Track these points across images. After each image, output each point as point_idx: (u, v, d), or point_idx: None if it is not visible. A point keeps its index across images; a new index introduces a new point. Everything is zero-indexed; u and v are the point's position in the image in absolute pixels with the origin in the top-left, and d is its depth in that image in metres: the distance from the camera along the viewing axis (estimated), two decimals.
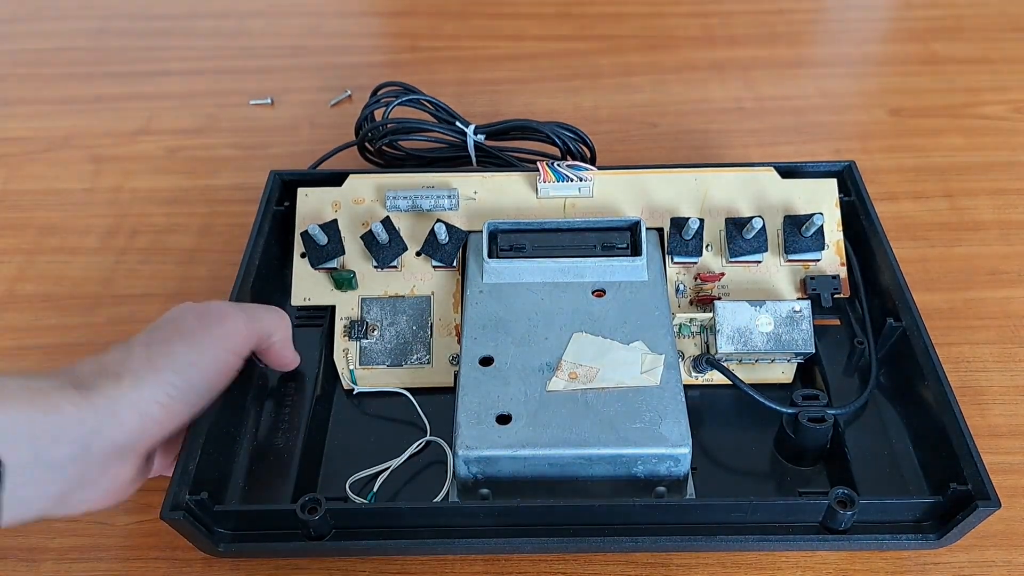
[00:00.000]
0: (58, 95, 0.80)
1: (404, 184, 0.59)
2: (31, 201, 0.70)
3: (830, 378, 0.55)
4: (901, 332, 0.54)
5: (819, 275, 0.57)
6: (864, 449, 0.52)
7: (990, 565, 0.49)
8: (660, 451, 0.47)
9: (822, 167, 0.61)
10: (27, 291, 0.64)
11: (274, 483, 0.51)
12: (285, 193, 0.62)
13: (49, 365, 0.60)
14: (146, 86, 0.81)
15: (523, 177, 0.60)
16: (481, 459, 0.47)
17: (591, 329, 0.52)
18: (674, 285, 0.57)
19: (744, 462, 0.53)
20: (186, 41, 0.87)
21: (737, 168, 0.59)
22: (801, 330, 0.53)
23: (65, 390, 0.42)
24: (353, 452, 0.53)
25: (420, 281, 0.58)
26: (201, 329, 0.47)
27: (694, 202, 0.59)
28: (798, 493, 0.51)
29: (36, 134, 0.77)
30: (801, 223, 0.56)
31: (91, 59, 0.85)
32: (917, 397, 0.52)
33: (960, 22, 0.87)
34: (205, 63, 0.84)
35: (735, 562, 0.50)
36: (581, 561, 0.50)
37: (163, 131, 0.77)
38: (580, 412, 0.49)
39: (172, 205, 0.70)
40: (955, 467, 0.47)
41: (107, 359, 0.45)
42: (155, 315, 0.62)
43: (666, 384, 0.50)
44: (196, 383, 0.46)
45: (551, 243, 0.56)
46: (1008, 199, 0.68)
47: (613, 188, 0.59)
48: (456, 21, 0.89)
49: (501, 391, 0.50)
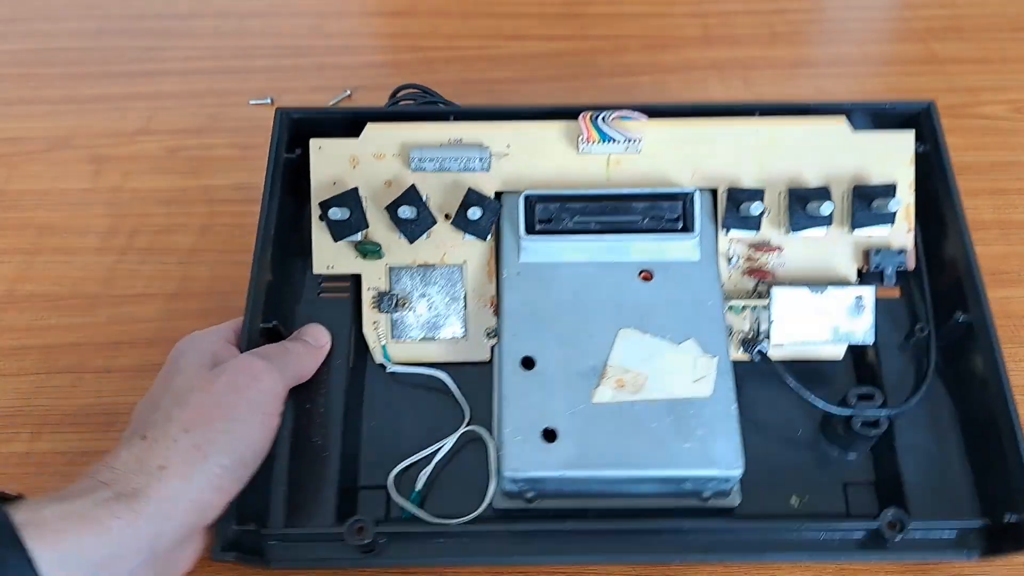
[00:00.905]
0: (58, 95, 0.80)
1: (429, 140, 0.54)
2: (31, 201, 0.70)
3: (884, 361, 0.52)
4: (967, 327, 0.51)
5: (884, 248, 0.52)
6: (914, 445, 0.50)
7: (990, 565, 0.49)
8: (711, 473, 0.46)
9: (897, 107, 0.55)
10: (27, 291, 0.64)
11: (316, 474, 0.50)
12: (296, 139, 0.56)
13: (49, 365, 0.60)
14: (146, 86, 0.81)
15: (562, 128, 0.54)
16: (528, 479, 0.46)
17: (638, 321, 0.49)
18: (726, 255, 0.53)
19: (788, 443, 0.51)
20: (186, 41, 0.87)
21: (804, 119, 0.53)
22: (862, 319, 0.50)
23: (111, 506, 0.40)
24: (391, 435, 0.52)
25: (451, 248, 0.54)
26: (236, 398, 0.46)
27: (754, 160, 0.53)
28: (843, 486, 0.50)
29: (36, 134, 0.76)
30: (872, 197, 0.51)
31: (91, 59, 0.85)
32: (976, 401, 0.50)
33: (960, 22, 0.87)
34: (205, 63, 0.84)
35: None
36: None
37: (163, 131, 0.76)
38: (628, 428, 0.46)
39: (172, 205, 0.70)
40: (1009, 491, 0.46)
41: (146, 454, 0.43)
42: (155, 315, 0.62)
43: (718, 395, 0.47)
44: (245, 457, 0.45)
45: (593, 214, 0.51)
46: (1008, 199, 0.68)
47: (663, 141, 0.53)
48: (456, 21, 0.89)
49: (545, 401, 0.47)
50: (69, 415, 0.58)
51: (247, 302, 0.52)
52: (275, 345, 0.51)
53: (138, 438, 0.44)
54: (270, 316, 0.53)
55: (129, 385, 0.59)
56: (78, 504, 0.40)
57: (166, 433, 0.44)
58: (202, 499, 0.44)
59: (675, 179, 0.53)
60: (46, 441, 0.58)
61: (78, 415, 0.58)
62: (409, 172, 0.53)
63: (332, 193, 0.53)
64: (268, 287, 0.53)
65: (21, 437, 0.58)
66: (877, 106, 0.55)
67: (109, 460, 0.43)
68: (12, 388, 0.60)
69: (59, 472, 0.56)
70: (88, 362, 0.61)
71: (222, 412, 0.45)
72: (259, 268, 0.52)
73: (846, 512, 0.50)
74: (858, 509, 0.50)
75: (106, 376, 0.60)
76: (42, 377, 0.60)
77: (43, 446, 0.57)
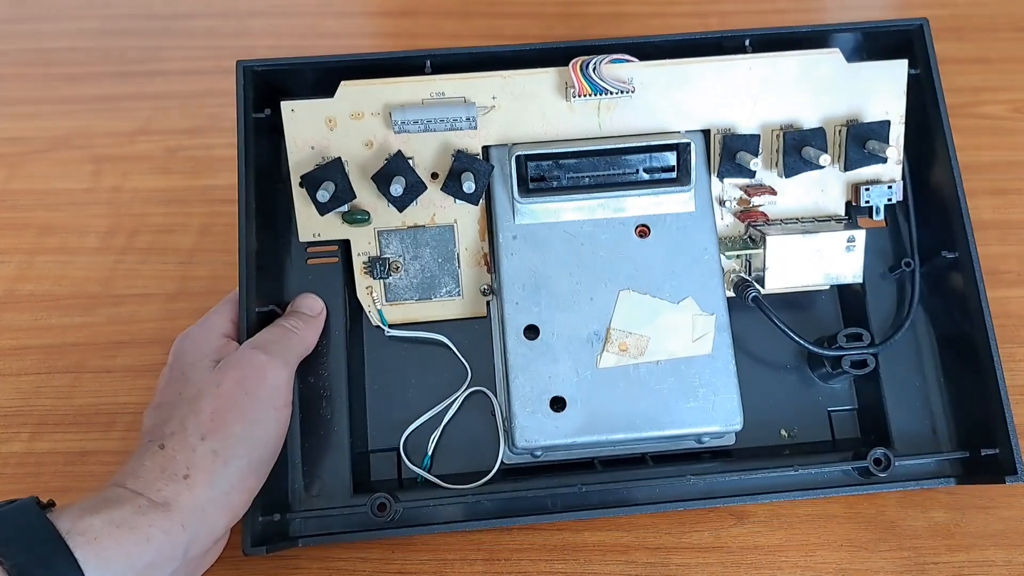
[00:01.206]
0: (58, 95, 0.80)
1: (409, 97, 0.50)
2: (31, 201, 0.70)
3: (868, 291, 0.53)
4: (952, 263, 0.52)
5: (875, 184, 0.53)
6: (895, 375, 0.52)
7: (990, 565, 0.49)
8: (714, 429, 0.48)
9: (890, 26, 0.54)
10: (27, 291, 0.64)
11: (328, 445, 0.51)
12: (264, 98, 0.53)
13: (49, 365, 0.60)
14: (146, 86, 0.81)
15: (551, 76, 0.50)
16: (539, 447, 0.48)
17: (637, 279, 0.50)
18: (719, 199, 0.53)
19: (776, 372, 0.54)
20: (186, 41, 0.87)
21: (798, 53, 0.52)
22: (852, 259, 0.51)
23: (150, 515, 0.42)
24: (395, 395, 0.53)
25: (441, 209, 0.52)
26: (247, 399, 0.46)
27: (747, 97, 0.52)
28: (828, 413, 0.53)
29: (36, 134, 0.76)
30: (866, 138, 0.51)
31: (91, 59, 0.85)
32: (957, 337, 0.52)
33: (960, 22, 0.87)
34: (205, 63, 0.84)
35: (735, 562, 0.50)
36: (580, 560, 0.50)
37: (163, 131, 0.76)
38: (634, 391, 0.48)
39: (172, 205, 0.70)
40: (988, 426, 0.49)
41: (168, 463, 0.44)
42: (155, 315, 0.62)
43: (718, 352, 0.49)
44: (264, 454, 0.46)
45: (587, 170, 0.51)
46: (1008, 199, 0.68)
47: (655, 82, 0.51)
48: (456, 21, 0.89)
49: (551, 369, 0.48)
50: (69, 415, 0.59)
51: (240, 287, 0.50)
52: (273, 328, 0.51)
53: (156, 447, 0.44)
54: (264, 294, 0.52)
55: (129, 385, 0.59)
56: (117, 514, 0.41)
57: (184, 442, 0.44)
58: (231, 501, 0.44)
59: (669, 122, 0.52)
60: (46, 441, 0.58)
61: (78, 415, 0.58)
62: (391, 133, 0.51)
63: (311, 160, 0.51)
64: (258, 262, 0.51)
65: (21, 437, 0.58)
66: (869, 26, 0.54)
67: (133, 468, 0.44)
68: (12, 388, 0.60)
69: (59, 472, 0.56)
70: (88, 362, 0.61)
71: (236, 415, 0.45)
72: (246, 240, 0.50)
73: (832, 439, 0.53)
74: (843, 434, 0.54)
75: (106, 376, 0.60)
76: (42, 377, 0.60)
77: (43, 446, 0.57)
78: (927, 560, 0.50)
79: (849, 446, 0.53)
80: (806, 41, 0.53)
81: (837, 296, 0.56)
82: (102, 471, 0.56)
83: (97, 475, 0.56)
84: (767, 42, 0.53)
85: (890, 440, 0.52)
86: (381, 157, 0.51)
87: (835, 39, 0.54)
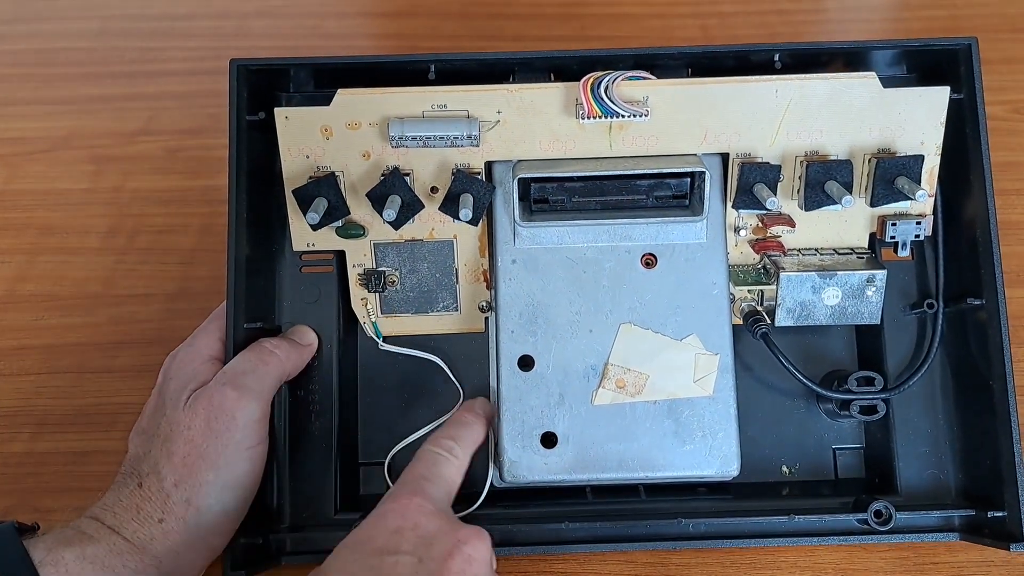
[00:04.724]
0: (58, 95, 0.80)
1: (409, 107, 0.48)
2: (31, 201, 0.70)
3: (887, 328, 0.51)
4: (976, 312, 0.49)
5: (902, 218, 0.49)
6: (907, 419, 0.50)
7: (990, 565, 0.49)
8: (709, 474, 0.47)
9: (932, 44, 0.49)
10: (27, 291, 0.64)
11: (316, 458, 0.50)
12: (259, 99, 0.50)
13: (49, 365, 0.60)
14: (146, 86, 0.81)
15: (560, 91, 0.47)
16: (527, 483, 0.47)
17: (639, 312, 0.47)
18: (733, 225, 0.50)
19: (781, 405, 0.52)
20: (186, 41, 0.87)
21: (830, 76, 0.47)
22: (870, 301, 0.48)
23: (124, 557, 0.42)
24: (386, 408, 0.52)
25: (440, 224, 0.50)
26: (217, 444, 0.45)
27: (770, 123, 0.47)
28: (832, 450, 0.51)
29: (36, 134, 0.76)
30: (896, 174, 0.47)
31: (91, 59, 0.85)
32: (974, 387, 0.49)
33: (959, 22, 0.87)
34: (205, 63, 0.84)
35: (734, 562, 0.50)
36: (580, 560, 0.50)
37: (163, 131, 0.76)
38: (629, 430, 0.46)
39: (172, 205, 0.70)
40: (997, 485, 0.47)
41: (144, 503, 0.44)
42: (155, 315, 0.62)
43: (719, 394, 0.47)
44: (239, 495, 0.46)
45: (594, 194, 0.48)
46: (1008, 199, 0.68)
47: (672, 102, 0.47)
48: (456, 21, 0.89)
49: (544, 403, 0.47)
50: (69, 415, 0.59)
51: (228, 299, 0.49)
52: (248, 354, 0.48)
53: (134, 484, 0.45)
54: (255, 303, 0.51)
55: (129, 385, 0.59)
56: (90, 550, 0.41)
57: (159, 487, 0.44)
58: (208, 543, 0.45)
59: (685, 144, 0.48)
60: (47, 441, 0.58)
61: (78, 415, 0.59)
62: (388, 146, 0.48)
63: (306, 170, 0.49)
64: (250, 267, 0.50)
65: (21, 437, 0.58)
66: (910, 44, 0.50)
67: (111, 502, 0.44)
68: (13, 388, 0.60)
69: (59, 472, 0.56)
70: (88, 362, 0.61)
71: (206, 463, 0.45)
72: (236, 248, 0.49)
73: (834, 479, 0.52)
74: (847, 473, 0.52)
75: (107, 376, 0.60)
76: (43, 377, 0.60)
77: (43, 446, 0.57)
78: (927, 560, 0.50)
79: (851, 487, 0.51)
80: (838, 57, 0.50)
81: (854, 328, 0.53)
82: (102, 471, 0.56)
83: (97, 475, 0.56)
84: (795, 54, 0.49)
85: (895, 485, 0.49)
86: (378, 169, 0.49)
87: (869, 56, 0.50)
